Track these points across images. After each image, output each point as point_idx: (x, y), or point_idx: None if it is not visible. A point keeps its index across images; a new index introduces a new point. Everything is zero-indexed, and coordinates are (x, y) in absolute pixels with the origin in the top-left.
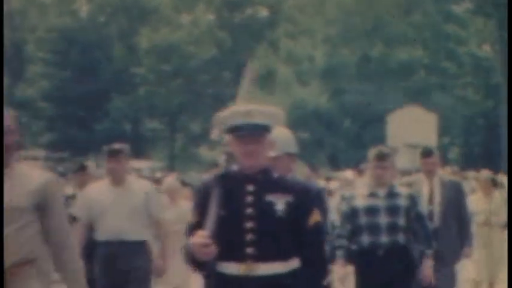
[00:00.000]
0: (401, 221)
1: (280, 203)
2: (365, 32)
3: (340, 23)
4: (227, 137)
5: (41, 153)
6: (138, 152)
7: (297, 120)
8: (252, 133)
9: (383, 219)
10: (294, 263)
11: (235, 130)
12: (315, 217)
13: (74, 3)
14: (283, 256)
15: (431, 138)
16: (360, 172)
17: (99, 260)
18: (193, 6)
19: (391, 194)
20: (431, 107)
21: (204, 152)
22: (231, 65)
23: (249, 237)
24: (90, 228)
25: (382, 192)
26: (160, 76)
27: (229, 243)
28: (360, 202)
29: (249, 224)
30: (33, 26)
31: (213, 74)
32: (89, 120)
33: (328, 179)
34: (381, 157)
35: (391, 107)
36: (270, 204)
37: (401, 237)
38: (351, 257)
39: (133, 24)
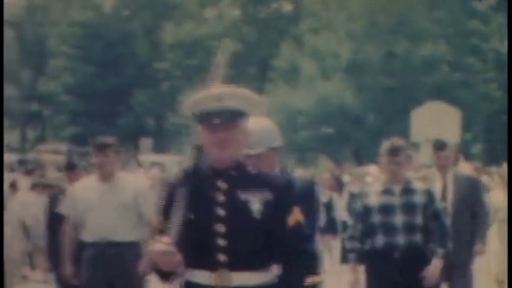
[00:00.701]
0: (418, 219)
1: (256, 201)
2: (389, 28)
3: (364, 19)
4: (197, 126)
5: (63, 146)
6: (161, 147)
7: (321, 116)
8: (223, 119)
9: (398, 218)
10: (273, 272)
11: (204, 117)
12: (295, 216)
13: None
14: (260, 264)
15: (454, 134)
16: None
17: (85, 263)
18: (218, 1)
19: (407, 191)
20: (455, 102)
21: None
22: (256, 60)
23: (220, 242)
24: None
25: (397, 188)
26: (184, 71)
27: (198, 249)
28: (374, 200)
29: (220, 227)
30: (56, 20)
31: (237, 69)
32: (112, 115)
33: (352, 174)
34: (394, 151)
35: (414, 102)
36: (244, 204)
37: (418, 238)
38: (364, 259)
39: (157, 19)
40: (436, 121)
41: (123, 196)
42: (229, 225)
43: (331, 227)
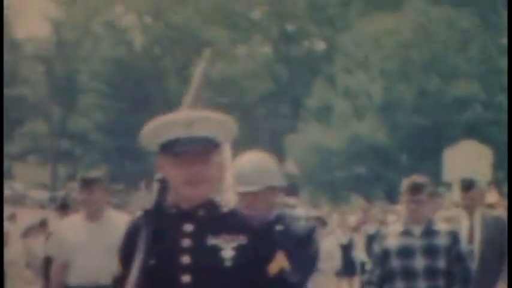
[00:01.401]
0: (441, 263)
1: (228, 248)
2: (421, 66)
3: (396, 57)
4: (159, 158)
5: None
6: None
7: (354, 155)
8: (195, 150)
9: (419, 262)
10: None
11: (171, 147)
12: (279, 263)
13: (128, 34)
14: None
15: (486, 173)
16: None
17: None
18: (249, 39)
19: (429, 232)
20: (487, 141)
21: None
22: (288, 99)
23: None
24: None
25: (417, 229)
26: (216, 109)
27: None
28: (392, 242)
29: (185, 277)
30: (86, 56)
31: (270, 108)
32: (143, 153)
33: (385, 211)
34: (416, 189)
35: (447, 141)
36: (215, 250)
37: (441, 283)
38: None
39: (188, 57)
40: (468, 160)
41: (112, 236)
42: (195, 274)
43: (349, 269)
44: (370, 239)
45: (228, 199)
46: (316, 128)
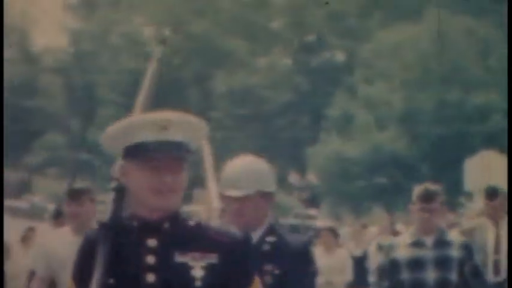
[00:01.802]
0: (453, 276)
1: (197, 267)
2: (442, 76)
3: (416, 68)
4: (121, 163)
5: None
6: None
7: (375, 165)
8: (170, 156)
9: (430, 275)
10: None
11: (141, 151)
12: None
13: (147, 45)
14: None
15: (507, 183)
16: None
17: None
18: (269, 50)
19: (441, 243)
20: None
21: (281, 197)
22: (308, 109)
23: None
24: (52, 284)
25: (429, 240)
26: (236, 120)
27: None
28: (402, 253)
29: None
30: (104, 67)
31: (290, 118)
32: None
33: (406, 222)
34: (427, 197)
35: (467, 151)
36: (183, 269)
37: None
38: None
39: (209, 68)
40: (489, 170)
41: None
42: None
43: (363, 280)
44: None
45: (207, 209)
46: (337, 138)
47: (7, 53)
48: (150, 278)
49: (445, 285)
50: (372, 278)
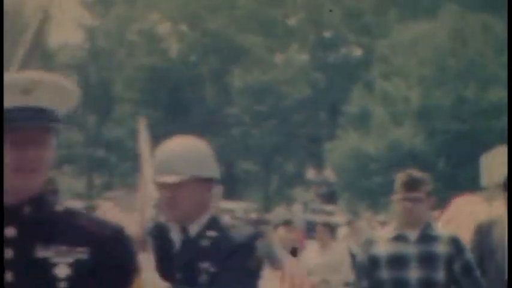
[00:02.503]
0: (439, 275)
1: (62, 264)
2: (459, 72)
3: (434, 64)
4: None
5: (130, 194)
6: (232, 193)
7: (392, 161)
8: (33, 124)
9: (413, 273)
10: None
11: (8, 118)
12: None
13: (163, 42)
14: None
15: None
16: None
17: None
18: (286, 46)
19: (426, 238)
20: None
21: (298, 193)
22: (326, 105)
23: None
24: None
25: (412, 234)
26: (253, 117)
27: None
28: (382, 249)
29: None
30: (121, 64)
31: (308, 114)
32: None
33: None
34: (411, 185)
35: (484, 147)
36: (45, 266)
37: None
38: None
39: (225, 64)
40: (505, 166)
41: None
42: None
43: None
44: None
45: (146, 195)
46: (354, 134)
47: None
48: (8, 276)
49: (430, 285)
50: (352, 277)
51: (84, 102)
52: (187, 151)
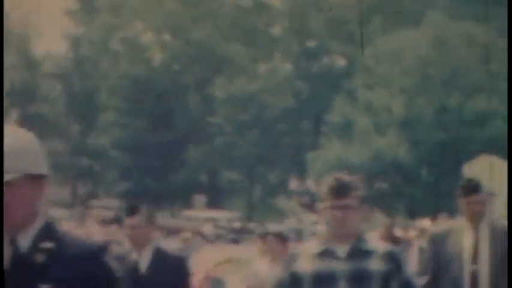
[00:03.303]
0: None
1: None
2: (441, 81)
3: (416, 73)
4: None
5: (114, 203)
6: (215, 203)
7: (375, 171)
8: None
9: None
10: None
11: None
12: None
13: (147, 51)
14: None
15: (506, 188)
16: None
17: None
18: (270, 56)
19: (358, 253)
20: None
21: (281, 202)
22: (309, 115)
23: None
24: None
25: (341, 249)
26: (237, 126)
27: None
28: (305, 265)
29: None
30: (104, 73)
31: (291, 124)
32: (164, 171)
33: (405, 228)
34: (339, 191)
35: (467, 156)
36: None
37: None
38: None
39: (209, 73)
40: (488, 175)
41: None
42: None
43: None
44: None
45: None
46: (337, 144)
47: (7, 59)
48: None
49: None
50: None
51: (68, 111)
52: (21, 147)
